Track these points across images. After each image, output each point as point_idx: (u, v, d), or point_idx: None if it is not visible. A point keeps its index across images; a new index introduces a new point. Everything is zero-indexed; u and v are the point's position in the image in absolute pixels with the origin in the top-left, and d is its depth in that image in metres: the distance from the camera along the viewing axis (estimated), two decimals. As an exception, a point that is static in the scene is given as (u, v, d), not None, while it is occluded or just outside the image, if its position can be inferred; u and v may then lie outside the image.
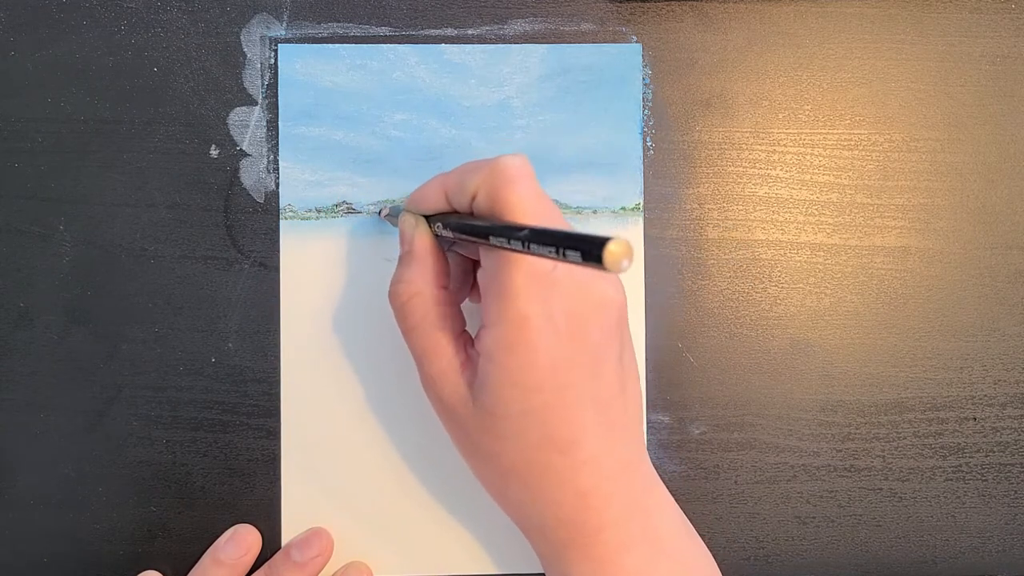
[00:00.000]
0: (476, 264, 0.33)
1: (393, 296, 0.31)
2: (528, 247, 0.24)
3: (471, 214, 0.30)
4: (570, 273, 0.28)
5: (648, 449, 0.37)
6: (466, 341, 0.31)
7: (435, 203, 0.31)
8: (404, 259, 0.32)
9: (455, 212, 0.31)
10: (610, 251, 0.20)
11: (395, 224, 0.36)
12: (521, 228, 0.25)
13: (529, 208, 0.28)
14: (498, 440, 0.29)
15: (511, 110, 0.37)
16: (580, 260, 0.21)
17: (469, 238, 0.29)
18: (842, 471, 0.38)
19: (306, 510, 0.37)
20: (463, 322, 0.32)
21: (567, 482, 0.29)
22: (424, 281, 0.31)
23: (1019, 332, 0.38)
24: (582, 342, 0.28)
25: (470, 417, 0.30)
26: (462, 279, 0.34)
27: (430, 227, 0.32)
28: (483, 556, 0.37)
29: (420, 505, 0.37)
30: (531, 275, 0.27)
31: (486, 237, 0.27)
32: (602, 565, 0.29)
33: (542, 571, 0.37)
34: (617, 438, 0.29)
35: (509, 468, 0.29)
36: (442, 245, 0.32)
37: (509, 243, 0.25)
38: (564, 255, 0.22)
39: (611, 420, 0.29)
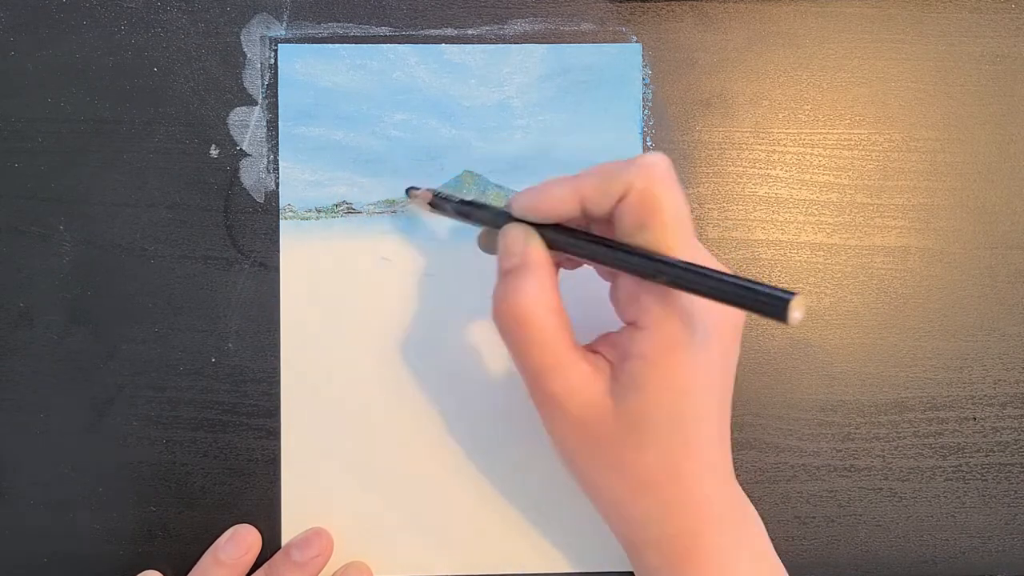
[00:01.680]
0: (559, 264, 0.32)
1: (506, 313, 0.29)
2: (703, 292, 0.25)
3: (582, 224, 0.29)
4: None
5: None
6: (582, 351, 0.30)
7: (564, 210, 0.29)
8: (515, 272, 0.29)
9: (562, 226, 0.29)
10: (793, 314, 0.22)
11: (441, 214, 0.35)
12: (704, 273, 0.25)
13: (681, 213, 0.28)
14: (637, 447, 0.28)
15: (511, 110, 0.37)
16: (759, 313, 0.23)
17: (610, 266, 0.28)
18: (842, 471, 0.38)
19: (306, 510, 0.37)
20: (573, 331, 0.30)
21: (694, 488, 0.29)
22: (543, 293, 0.29)
23: (1019, 332, 0.38)
24: (727, 348, 0.29)
25: (608, 427, 0.28)
26: None
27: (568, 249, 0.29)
28: (483, 556, 0.37)
29: (420, 505, 0.37)
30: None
31: (652, 276, 0.27)
32: (718, 573, 0.29)
33: (541, 571, 0.37)
34: (727, 443, 0.30)
35: (643, 479, 0.29)
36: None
37: (680, 283, 0.26)
38: (743, 307, 0.24)
39: (724, 427, 0.30)
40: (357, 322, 0.37)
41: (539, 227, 0.30)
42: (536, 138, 0.37)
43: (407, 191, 0.36)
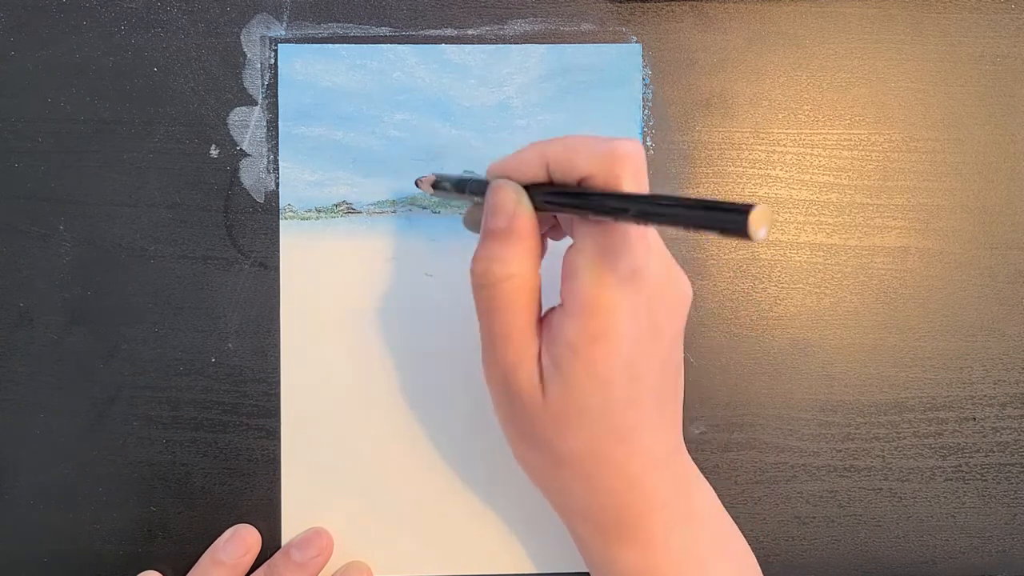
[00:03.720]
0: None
1: (483, 275, 0.29)
2: (661, 218, 0.23)
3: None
4: (656, 269, 0.28)
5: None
6: (541, 328, 0.30)
7: (532, 173, 0.29)
8: (499, 235, 0.29)
9: (549, 183, 0.29)
10: (753, 220, 0.20)
11: (442, 196, 0.35)
12: (650, 197, 0.24)
13: None
14: (563, 430, 0.29)
15: (511, 110, 0.37)
16: (719, 232, 0.21)
17: (575, 211, 0.27)
18: (842, 471, 0.38)
19: (306, 510, 0.37)
20: (541, 308, 0.30)
21: (619, 469, 0.29)
22: (521, 263, 0.29)
23: (1019, 332, 0.38)
24: (659, 338, 0.28)
25: (536, 405, 0.29)
26: None
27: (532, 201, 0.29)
28: (483, 556, 0.37)
29: (420, 505, 0.37)
30: (629, 269, 0.27)
31: (604, 213, 0.26)
32: (646, 546, 0.30)
33: (541, 571, 0.37)
34: (667, 427, 0.30)
35: (566, 457, 0.29)
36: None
37: (625, 215, 0.24)
38: (703, 227, 0.22)
39: (665, 410, 0.30)
40: (357, 322, 0.37)
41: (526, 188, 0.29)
42: (536, 138, 0.37)
43: (416, 183, 0.36)
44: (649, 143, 0.38)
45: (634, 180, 0.27)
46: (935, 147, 0.38)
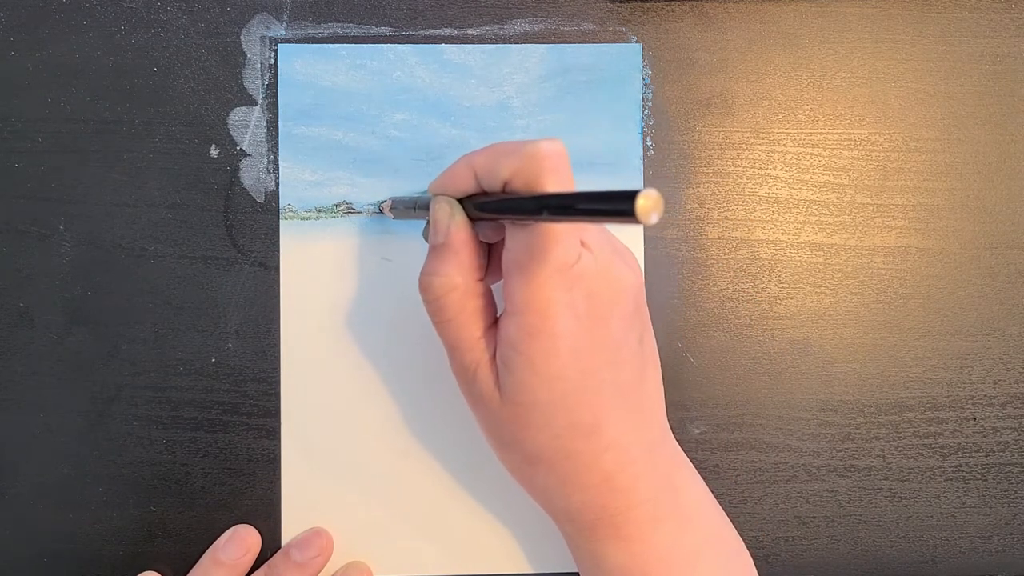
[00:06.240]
0: (492, 248, 0.33)
1: (427, 289, 0.30)
2: (569, 213, 0.24)
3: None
4: (592, 261, 0.28)
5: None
6: (495, 332, 0.30)
7: (464, 185, 0.29)
8: (439, 250, 0.30)
9: (483, 193, 0.29)
10: (640, 206, 0.21)
11: (402, 217, 0.36)
12: (548, 197, 0.25)
13: None
14: (524, 429, 0.29)
15: (511, 110, 0.37)
16: (612, 218, 0.22)
17: (497, 216, 0.28)
18: (842, 471, 0.38)
19: (306, 510, 0.37)
20: (496, 311, 0.31)
21: (592, 466, 0.29)
22: (461, 274, 0.30)
23: (1019, 332, 0.38)
24: (603, 329, 0.28)
25: (497, 407, 0.29)
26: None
27: (466, 213, 0.30)
28: (483, 556, 0.37)
29: (420, 505, 0.37)
30: (557, 265, 0.27)
31: (521, 214, 0.27)
32: (631, 543, 0.30)
33: (543, 571, 0.37)
34: (639, 420, 0.30)
35: (536, 455, 0.29)
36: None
37: (540, 215, 0.25)
38: (594, 216, 0.23)
39: (632, 403, 0.29)
40: (357, 322, 0.37)
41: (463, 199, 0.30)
42: (536, 137, 0.37)
43: (380, 209, 0.37)
44: (649, 143, 0.38)
45: (555, 179, 0.27)
46: (935, 147, 0.38)
